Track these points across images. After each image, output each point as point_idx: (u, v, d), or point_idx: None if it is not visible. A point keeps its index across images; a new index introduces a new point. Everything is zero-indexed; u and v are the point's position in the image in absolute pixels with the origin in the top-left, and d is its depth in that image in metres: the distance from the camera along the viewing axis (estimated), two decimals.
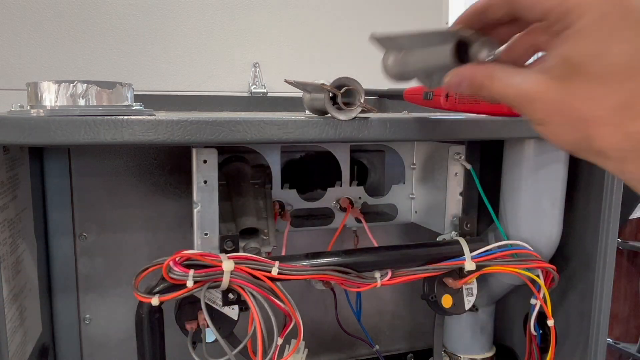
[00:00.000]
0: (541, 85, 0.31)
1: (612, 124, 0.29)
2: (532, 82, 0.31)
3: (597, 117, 0.29)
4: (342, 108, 0.45)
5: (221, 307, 0.50)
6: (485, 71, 0.34)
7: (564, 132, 0.32)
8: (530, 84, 0.31)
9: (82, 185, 0.64)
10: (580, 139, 0.31)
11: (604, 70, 0.29)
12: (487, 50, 0.36)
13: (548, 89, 0.31)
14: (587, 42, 0.29)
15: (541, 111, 0.32)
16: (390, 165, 0.72)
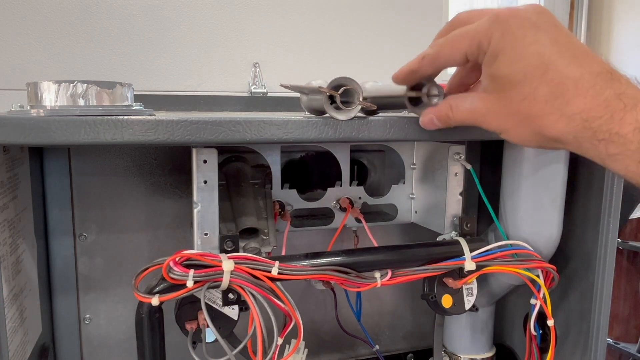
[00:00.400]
0: (485, 102, 0.38)
1: (552, 113, 0.34)
2: (478, 102, 0.38)
3: (537, 111, 0.34)
4: (341, 108, 0.45)
5: (221, 307, 0.50)
6: (445, 105, 0.41)
7: (522, 133, 0.37)
8: (477, 104, 0.38)
9: (82, 185, 0.64)
10: (536, 133, 0.36)
11: (524, 73, 0.34)
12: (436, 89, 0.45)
13: (491, 103, 0.37)
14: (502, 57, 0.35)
15: (495, 122, 0.38)
16: (390, 165, 0.72)
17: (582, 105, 0.33)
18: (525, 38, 0.34)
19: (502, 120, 0.37)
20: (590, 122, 0.33)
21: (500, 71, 0.35)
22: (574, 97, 0.33)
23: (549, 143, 0.36)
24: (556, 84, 0.33)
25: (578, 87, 0.33)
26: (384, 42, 1.97)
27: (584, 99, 0.33)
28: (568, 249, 0.65)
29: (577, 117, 0.33)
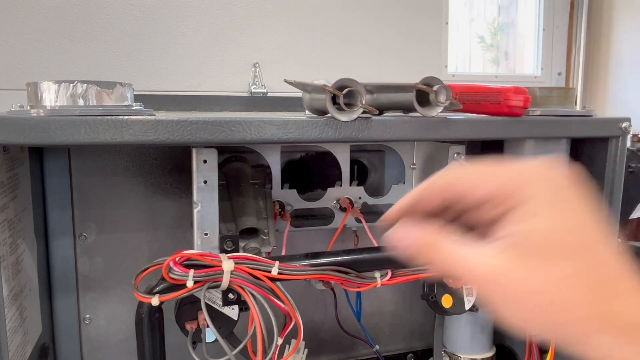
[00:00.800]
0: (498, 270, 0.27)
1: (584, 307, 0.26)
2: (483, 262, 0.28)
3: (568, 299, 0.26)
4: (343, 109, 0.45)
5: (221, 307, 0.50)
6: (427, 238, 0.30)
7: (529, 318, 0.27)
8: (480, 264, 0.28)
9: (82, 185, 0.64)
10: (550, 324, 0.27)
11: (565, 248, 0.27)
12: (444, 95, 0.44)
13: (505, 270, 0.27)
14: (544, 218, 0.27)
15: (500, 294, 0.28)
16: (390, 165, 0.72)
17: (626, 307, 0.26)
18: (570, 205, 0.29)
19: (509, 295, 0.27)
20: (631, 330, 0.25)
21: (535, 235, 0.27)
22: (617, 296, 0.26)
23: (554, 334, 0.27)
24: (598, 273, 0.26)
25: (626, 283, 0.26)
26: (384, 42, 1.97)
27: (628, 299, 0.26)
28: None
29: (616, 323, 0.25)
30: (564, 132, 0.56)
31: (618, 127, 0.58)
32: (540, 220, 0.27)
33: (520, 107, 0.54)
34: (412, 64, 1.98)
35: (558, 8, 2.29)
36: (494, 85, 0.56)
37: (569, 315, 0.26)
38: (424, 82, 0.46)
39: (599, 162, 0.61)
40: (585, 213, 0.29)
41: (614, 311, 0.25)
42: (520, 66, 2.39)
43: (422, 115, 0.48)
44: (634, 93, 2.10)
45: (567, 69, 2.31)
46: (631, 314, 0.25)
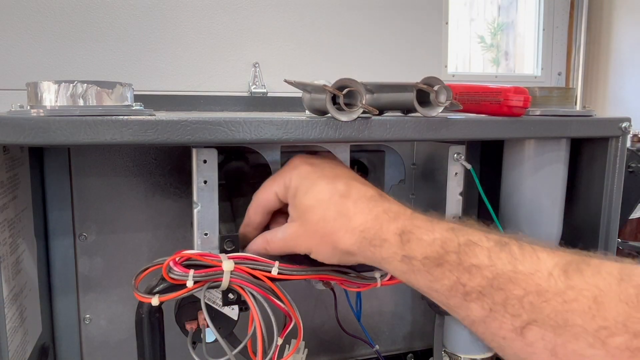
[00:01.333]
0: (293, 229, 0.46)
1: (341, 228, 0.42)
2: (288, 230, 0.46)
3: (331, 228, 0.43)
4: (343, 109, 0.45)
5: (221, 307, 0.50)
6: (261, 239, 0.49)
7: (324, 250, 0.44)
8: (287, 232, 0.46)
9: (82, 185, 0.64)
10: (333, 248, 0.43)
11: (316, 199, 0.44)
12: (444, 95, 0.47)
13: (297, 228, 0.45)
14: (299, 191, 0.45)
15: (304, 244, 0.45)
16: (390, 165, 0.72)
17: (360, 220, 0.42)
18: (311, 173, 0.45)
19: (308, 241, 0.45)
20: (366, 233, 0.41)
21: (300, 201, 0.45)
22: (354, 215, 0.42)
23: (344, 256, 0.44)
24: (340, 204, 0.43)
25: (356, 206, 0.42)
26: (384, 42, 1.97)
27: (361, 215, 0.42)
28: (568, 248, 0.65)
29: (357, 230, 0.42)
30: (564, 132, 0.56)
31: (618, 127, 0.58)
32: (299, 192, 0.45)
33: (520, 107, 0.54)
34: (412, 64, 1.99)
35: (558, 8, 2.29)
36: (494, 85, 0.56)
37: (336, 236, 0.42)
38: (425, 82, 0.46)
39: (599, 162, 0.61)
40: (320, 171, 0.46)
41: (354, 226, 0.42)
42: (520, 66, 2.40)
43: (422, 115, 0.48)
44: (634, 93, 2.10)
45: (567, 69, 2.31)
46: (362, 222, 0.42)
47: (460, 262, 0.38)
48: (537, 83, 2.27)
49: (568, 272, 0.34)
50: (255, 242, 0.49)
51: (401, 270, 0.41)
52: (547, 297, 0.34)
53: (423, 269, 0.39)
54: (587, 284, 0.33)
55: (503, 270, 0.36)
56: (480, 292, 0.36)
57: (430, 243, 0.39)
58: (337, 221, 0.42)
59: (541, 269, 0.35)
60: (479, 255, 0.37)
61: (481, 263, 0.37)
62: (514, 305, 0.35)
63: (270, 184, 0.49)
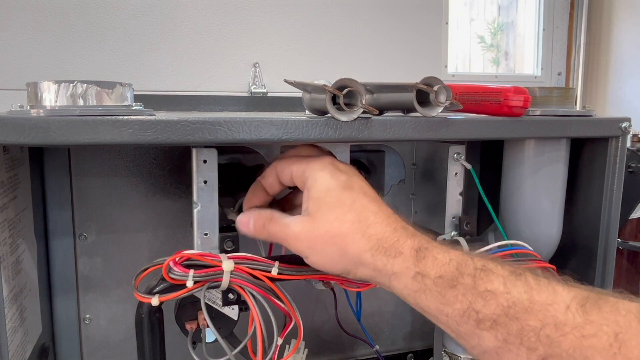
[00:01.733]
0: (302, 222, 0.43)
1: (357, 233, 0.41)
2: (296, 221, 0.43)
3: (346, 230, 0.41)
4: (343, 109, 0.45)
5: (221, 307, 0.50)
6: (267, 213, 0.46)
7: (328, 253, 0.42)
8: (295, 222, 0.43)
9: (82, 185, 0.64)
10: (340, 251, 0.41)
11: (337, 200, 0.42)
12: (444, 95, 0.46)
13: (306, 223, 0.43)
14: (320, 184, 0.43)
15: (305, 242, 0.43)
16: (390, 165, 0.72)
17: (378, 229, 0.41)
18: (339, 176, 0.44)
19: (313, 240, 0.42)
20: (383, 242, 0.40)
21: (318, 194, 0.43)
22: (373, 223, 0.41)
23: (350, 264, 0.42)
24: (360, 211, 0.42)
25: (377, 217, 0.42)
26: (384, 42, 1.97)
27: (380, 226, 0.41)
28: (568, 248, 0.65)
29: (374, 237, 0.40)
30: (564, 132, 0.56)
31: (618, 127, 0.58)
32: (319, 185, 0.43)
33: (520, 107, 0.54)
34: (412, 64, 1.98)
35: (558, 8, 2.29)
36: (494, 85, 0.56)
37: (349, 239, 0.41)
38: (424, 82, 0.46)
39: (599, 162, 0.61)
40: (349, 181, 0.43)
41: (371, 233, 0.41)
42: (520, 66, 2.39)
43: (422, 115, 0.48)
44: (634, 93, 2.10)
45: (567, 69, 2.31)
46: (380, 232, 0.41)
47: (475, 286, 0.36)
48: (537, 83, 2.27)
49: (585, 306, 0.33)
50: (260, 213, 0.47)
51: (411, 289, 0.39)
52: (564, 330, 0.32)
53: (435, 290, 0.38)
54: (607, 320, 0.32)
55: (519, 299, 0.34)
56: (494, 320, 0.35)
57: (446, 263, 0.38)
58: (354, 224, 0.41)
59: (558, 301, 0.34)
60: (495, 281, 0.36)
61: (496, 289, 0.36)
62: (530, 337, 0.33)
63: (292, 161, 0.46)
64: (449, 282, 0.37)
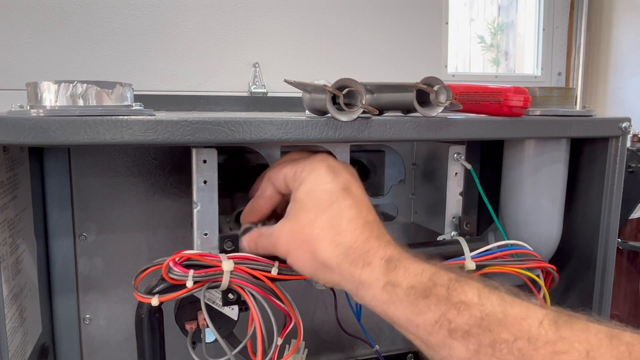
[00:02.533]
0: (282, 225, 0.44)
1: (326, 239, 0.40)
2: (278, 226, 0.44)
3: (316, 234, 0.41)
4: (343, 109, 0.45)
5: (221, 307, 0.50)
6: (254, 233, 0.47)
7: (301, 255, 0.42)
8: (277, 227, 0.44)
9: (82, 185, 0.64)
10: (311, 256, 0.41)
11: (314, 202, 0.42)
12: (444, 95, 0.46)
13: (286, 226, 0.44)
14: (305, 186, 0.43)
15: (284, 243, 0.43)
16: (390, 165, 0.72)
17: (349, 238, 0.40)
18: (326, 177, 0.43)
19: (289, 242, 0.43)
20: (350, 252, 0.39)
21: (300, 196, 0.43)
22: (344, 231, 0.40)
23: (320, 270, 0.42)
24: (334, 217, 0.41)
25: (350, 224, 0.41)
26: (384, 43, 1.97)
27: (351, 234, 0.40)
28: (568, 249, 0.65)
29: (342, 246, 0.40)
30: (564, 132, 0.56)
31: (618, 127, 0.58)
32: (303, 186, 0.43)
33: (520, 107, 0.54)
34: (412, 64, 1.98)
35: (558, 8, 2.29)
36: (494, 85, 0.56)
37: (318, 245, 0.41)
38: (424, 82, 0.46)
39: (599, 162, 0.61)
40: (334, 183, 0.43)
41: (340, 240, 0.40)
42: (520, 66, 2.39)
43: (422, 115, 0.48)
44: (634, 93, 2.10)
45: (567, 69, 2.31)
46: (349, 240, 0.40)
47: (449, 297, 0.36)
48: (537, 83, 2.27)
49: (558, 323, 0.33)
50: (250, 234, 0.48)
51: (380, 300, 0.38)
52: (537, 345, 0.32)
53: (406, 300, 0.37)
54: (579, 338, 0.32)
55: (493, 311, 0.34)
56: (467, 331, 0.34)
57: (419, 273, 0.38)
58: (324, 230, 0.41)
59: (531, 316, 0.34)
60: (468, 292, 0.36)
61: (470, 300, 0.35)
62: (502, 349, 0.33)
63: (283, 166, 0.47)
64: (422, 292, 0.37)
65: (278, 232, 0.44)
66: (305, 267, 0.43)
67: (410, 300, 0.37)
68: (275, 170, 0.47)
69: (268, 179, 0.48)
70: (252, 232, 0.48)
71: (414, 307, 0.37)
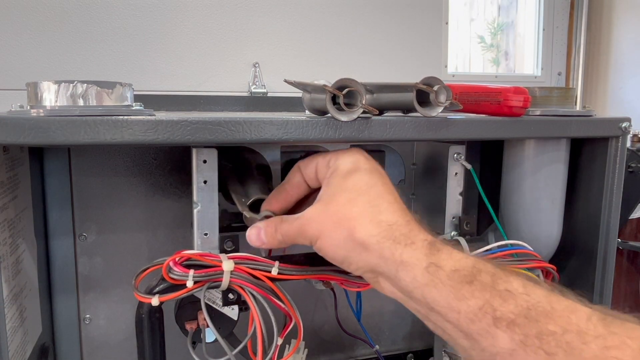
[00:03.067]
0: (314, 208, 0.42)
1: (367, 217, 0.39)
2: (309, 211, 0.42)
3: (356, 212, 0.39)
4: (343, 109, 0.45)
5: (221, 307, 0.50)
6: (275, 218, 0.45)
7: (335, 236, 0.40)
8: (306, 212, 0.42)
9: (82, 185, 0.64)
10: (347, 235, 0.39)
11: (353, 184, 0.41)
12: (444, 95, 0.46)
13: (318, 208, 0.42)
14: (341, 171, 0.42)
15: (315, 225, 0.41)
16: (390, 165, 0.72)
17: (390, 217, 0.39)
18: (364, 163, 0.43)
19: (323, 223, 0.41)
20: (394, 229, 0.38)
21: (336, 180, 0.42)
22: (385, 210, 0.40)
23: (354, 251, 0.39)
24: (375, 198, 0.40)
25: (391, 206, 0.40)
26: (384, 43, 1.97)
27: (392, 214, 0.39)
28: (568, 248, 0.65)
29: (384, 224, 0.39)
30: (564, 132, 0.56)
31: (618, 127, 0.58)
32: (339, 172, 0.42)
33: (520, 107, 0.54)
34: (412, 64, 1.98)
35: (558, 8, 2.29)
36: (494, 86, 0.56)
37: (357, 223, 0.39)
38: (424, 82, 0.46)
39: (599, 162, 0.61)
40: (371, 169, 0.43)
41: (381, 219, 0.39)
42: (520, 66, 2.39)
43: (422, 115, 0.48)
44: (634, 93, 2.10)
45: (567, 69, 2.31)
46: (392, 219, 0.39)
47: (494, 285, 0.34)
48: (537, 83, 2.27)
49: (606, 319, 0.31)
50: (270, 219, 0.46)
51: (421, 281, 0.36)
52: (586, 339, 0.31)
53: (449, 284, 0.35)
54: (630, 334, 0.30)
55: (539, 302, 0.33)
56: (512, 320, 0.33)
57: (462, 258, 0.36)
58: (364, 208, 0.39)
59: (579, 310, 0.32)
60: (514, 282, 0.34)
61: (516, 290, 0.34)
62: (549, 342, 0.31)
63: (315, 156, 0.45)
64: (466, 277, 0.35)
65: (309, 215, 0.42)
66: (338, 249, 0.40)
67: (453, 284, 0.35)
68: (306, 160, 0.46)
69: (298, 168, 0.47)
70: (273, 218, 0.45)
71: (457, 291, 0.35)
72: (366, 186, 0.41)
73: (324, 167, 0.44)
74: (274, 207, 0.48)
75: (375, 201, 0.40)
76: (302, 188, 0.47)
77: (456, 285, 0.35)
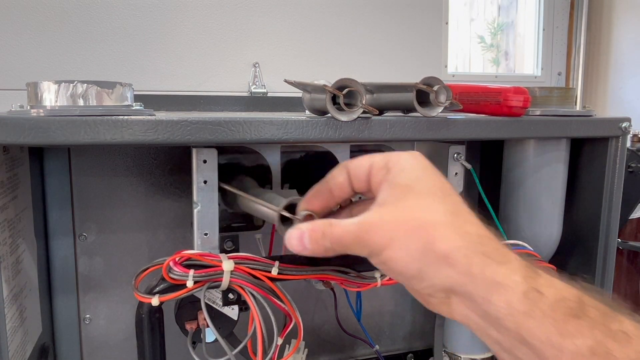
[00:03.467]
0: (379, 213, 0.35)
1: (450, 226, 0.33)
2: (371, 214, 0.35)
3: (436, 220, 0.33)
4: (343, 109, 0.45)
5: (221, 307, 0.50)
6: (322, 221, 0.37)
7: (409, 245, 0.33)
8: (367, 216, 0.35)
9: (82, 185, 0.64)
10: (423, 247, 0.33)
11: (429, 189, 0.35)
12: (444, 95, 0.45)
13: (385, 212, 0.35)
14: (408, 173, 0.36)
15: (384, 233, 0.34)
16: None
17: (475, 229, 0.33)
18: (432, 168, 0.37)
19: (393, 230, 0.34)
20: (484, 243, 0.32)
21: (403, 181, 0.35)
22: (468, 220, 0.34)
23: (432, 263, 0.33)
24: (454, 204, 0.34)
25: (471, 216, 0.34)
26: (384, 43, 1.97)
27: (476, 225, 0.34)
28: (568, 248, 0.65)
29: (471, 235, 0.33)
30: (564, 132, 0.56)
31: (618, 127, 0.58)
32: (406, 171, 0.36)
33: (520, 107, 0.54)
34: (412, 64, 1.98)
35: (558, 8, 2.29)
36: (494, 86, 0.57)
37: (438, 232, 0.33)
38: (424, 82, 0.47)
39: (599, 162, 0.61)
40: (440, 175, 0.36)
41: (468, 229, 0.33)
42: (520, 66, 2.39)
43: (422, 115, 0.48)
44: (634, 93, 2.10)
45: (567, 69, 2.31)
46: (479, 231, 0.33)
47: (605, 323, 0.29)
48: (537, 83, 2.27)
49: None
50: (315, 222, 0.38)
51: (517, 309, 0.30)
52: None
53: (551, 315, 0.29)
54: None
55: None
56: None
57: (566, 287, 0.31)
58: (445, 216, 0.33)
59: None
60: (624, 321, 0.29)
61: (630, 332, 0.29)
62: None
63: (368, 156, 0.39)
64: (572, 310, 0.29)
65: (371, 219, 0.35)
66: (412, 261, 0.33)
67: (556, 316, 0.29)
68: (356, 160, 0.39)
69: (344, 167, 0.40)
70: (318, 221, 0.38)
71: (561, 325, 0.29)
72: (442, 191, 0.35)
73: (381, 168, 0.37)
74: (315, 207, 0.41)
75: (458, 208, 0.34)
76: (345, 190, 0.40)
77: (561, 318, 0.29)
